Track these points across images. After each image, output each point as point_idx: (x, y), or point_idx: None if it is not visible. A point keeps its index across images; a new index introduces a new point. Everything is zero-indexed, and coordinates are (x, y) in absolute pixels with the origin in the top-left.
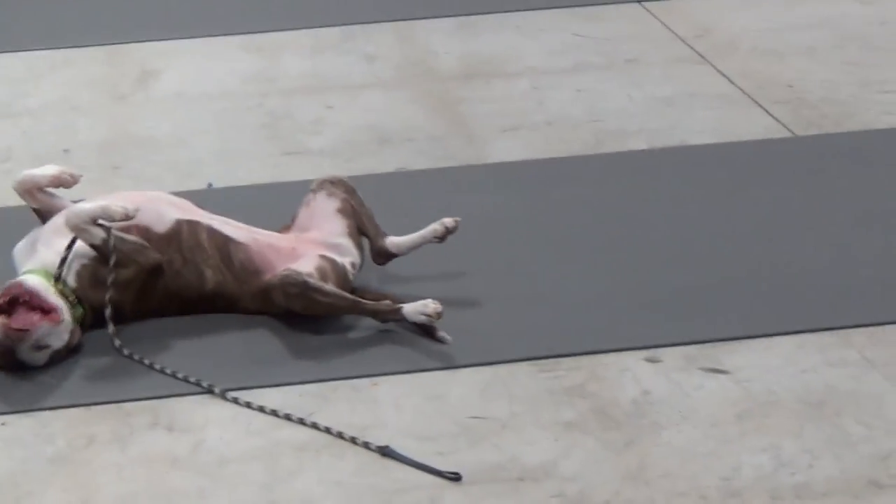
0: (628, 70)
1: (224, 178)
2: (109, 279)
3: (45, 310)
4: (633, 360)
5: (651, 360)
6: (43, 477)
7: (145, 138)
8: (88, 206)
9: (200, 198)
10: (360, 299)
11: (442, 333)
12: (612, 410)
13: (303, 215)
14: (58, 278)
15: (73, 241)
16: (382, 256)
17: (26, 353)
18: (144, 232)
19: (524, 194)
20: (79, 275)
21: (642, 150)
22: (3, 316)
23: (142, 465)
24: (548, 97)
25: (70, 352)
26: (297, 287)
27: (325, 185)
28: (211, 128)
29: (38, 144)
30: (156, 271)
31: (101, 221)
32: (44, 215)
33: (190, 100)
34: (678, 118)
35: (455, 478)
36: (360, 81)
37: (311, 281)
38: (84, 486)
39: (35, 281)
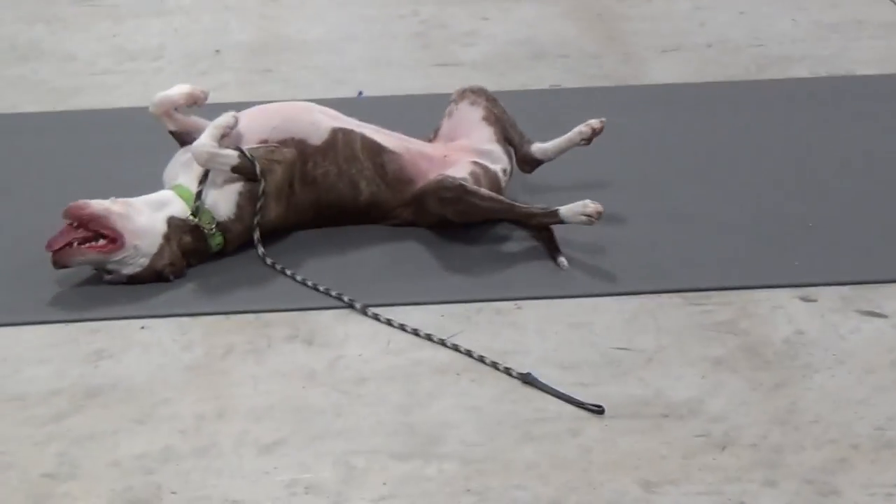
0: None
1: (374, 87)
2: (260, 188)
3: (108, 237)
4: (786, 297)
5: (805, 299)
6: (179, 385)
7: (296, 42)
8: (203, 134)
9: (350, 106)
10: (515, 202)
11: (562, 258)
12: (763, 349)
13: (447, 126)
14: (195, 213)
15: (205, 175)
16: (529, 163)
17: (102, 272)
18: (301, 145)
19: (681, 118)
20: (238, 205)
21: (805, 78)
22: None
23: (278, 378)
24: (709, 18)
25: (173, 277)
26: (453, 191)
27: (466, 94)
28: (362, 34)
29: (189, 44)
30: (305, 183)
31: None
32: (182, 137)
33: (342, 4)
34: (844, 46)
35: (598, 410)
36: None
37: (468, 184)
38: (220, 397)
39: (106, 204)
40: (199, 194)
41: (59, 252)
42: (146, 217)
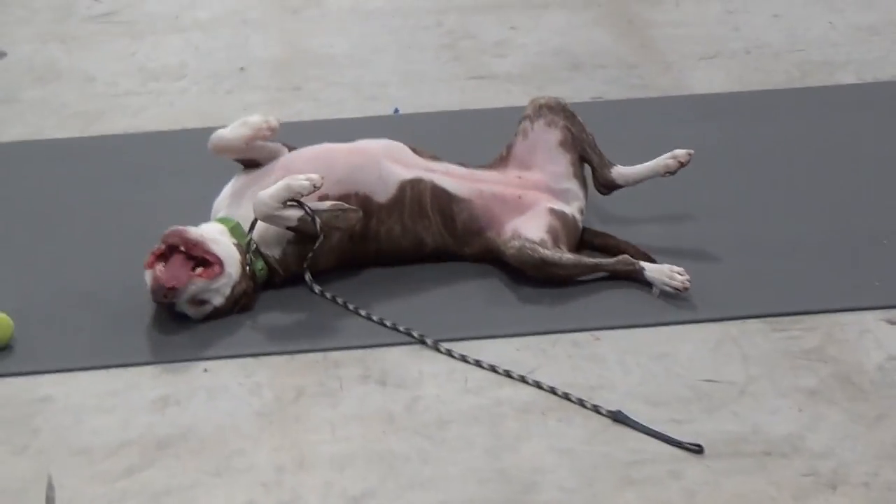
0: None
1: (409, 104)
2: (309, 255)
3: (206, 262)
4: (872, 320)
5: (892, 322)
6: (252, 433)
7: (322, 57)
8: (272, 190)
9: (386, 125)
10: (598, 262)
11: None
12: (857, 378)
13: (520, 147)
14: (247, 248)
15: (252, 227)
16: (606, 187)
17: (183, 306)
18: (365, 201)
19: (730, 128)
20: (284, 251)
21: (853, 85)
22: (160, 264)
23: (356, 422)
24: (743, 22)
25: (241, 310)
26: (534, 262)
27: (543, 111)
28: (390, 47)
29: (212, 61)
30: (365, 239)
31: (290, 203)
32: (248, 162)
33: (364, 15)
34: (888, 49)
35: (697, 450)
36: (540, 0)
37: (548, 255)
38: (297, 445)
39: (201, 230)
40: (250, 228)
41: (177, 281)
42: (224, 244)
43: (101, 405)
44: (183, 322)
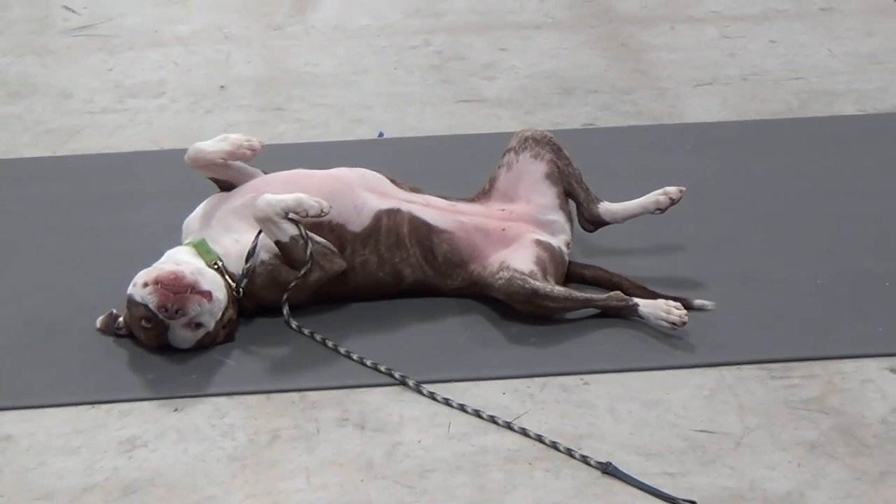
0: (823, 20)
1: (394, 127)
2: (292, 283)
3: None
4: (874, 368)
5: None
6: (224, 479)
7: (306, 76)
8: (281, 196)
9: (371, 148)
10: (589, 297)
11: (702, 301)
12: (860, 431)
13: (504, 180)
14: (245, 275)
15: (258, 235)
16: (592, 223)
17: (176, 331)
18: (339, 230)
19: (727, 159)
20: (257, 273)
21: (854, 116)
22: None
23: (333, 469)
24: (739, 48)
25: (225, 338)
26: (525, 294)
27: (528, 143)
28: (376, 67)
29: (192, 78)
30: (341, 272)
31: (292, 216)
32: (221, 183)
33: (350, 34)
34: (888, 79)
35: None
36: (532, 21)
37: (539, 287)
38: (271, 494)
39: (191, 268)
40: (249, 255)
41: (188, 296)
42: (209, 274)
43: (66, 446)
44: (154, 358)
